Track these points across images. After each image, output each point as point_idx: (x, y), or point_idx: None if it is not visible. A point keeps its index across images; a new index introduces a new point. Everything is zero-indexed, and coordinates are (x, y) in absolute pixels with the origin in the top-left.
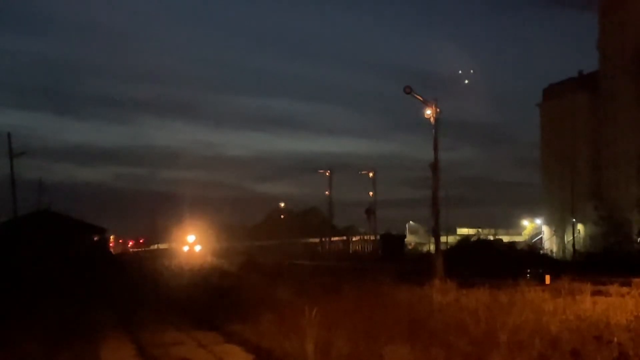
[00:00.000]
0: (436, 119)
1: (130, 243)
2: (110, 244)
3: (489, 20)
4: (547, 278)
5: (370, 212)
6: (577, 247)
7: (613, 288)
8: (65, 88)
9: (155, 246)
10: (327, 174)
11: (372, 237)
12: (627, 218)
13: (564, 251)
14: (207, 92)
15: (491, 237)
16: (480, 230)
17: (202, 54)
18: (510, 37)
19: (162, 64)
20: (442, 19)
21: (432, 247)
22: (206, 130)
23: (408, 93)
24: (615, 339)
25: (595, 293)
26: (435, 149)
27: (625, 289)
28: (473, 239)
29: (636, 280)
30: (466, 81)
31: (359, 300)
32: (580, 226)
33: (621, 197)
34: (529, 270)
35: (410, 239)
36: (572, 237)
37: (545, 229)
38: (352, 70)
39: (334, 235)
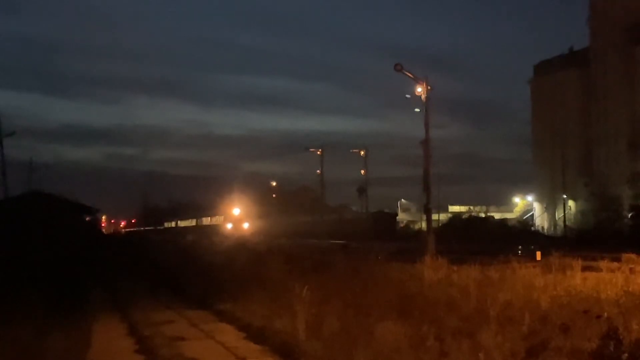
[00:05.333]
0: (427, 97)
1: (122, 223)
2: (102, 224)
3: None
4: (538, 254)
5: (362, 190)
6: (568, 223)
7: (603, 263)
8: (54, 68)
9: (173, 224)
10: (319, 152)
11: (364, 216)
12: (617, 194)
13: (555, 227)
14: (197, 70)
15: (482, 214)
16: (471, 207)
17: (191, 32)
18: (501, 13)
19: (151, 43)
20: None
21: (424, 225)
22: (196, 110)
23: (399, 71)
24: (605, 314)
25: (585, 269)
26: (427, 126)
27: (615, 265)
28: (464, 216)
29: (626, 255)
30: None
31: (350, 278)
32: (571, 202)
33: (612, 173)
34: (520, 247)
35: (402, 216)
36: (563, 214)
37: (537, 206)
38: (343, 48)
39: (326, 214)
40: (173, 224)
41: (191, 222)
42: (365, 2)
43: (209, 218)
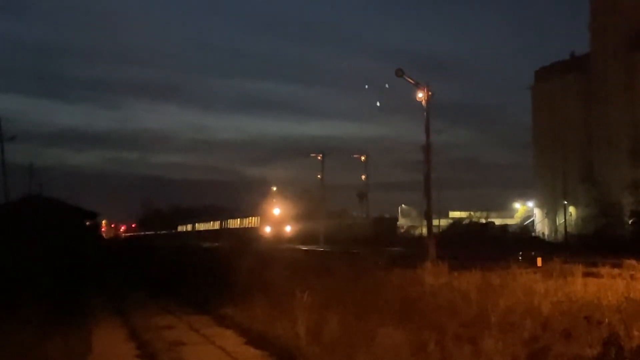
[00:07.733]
0: (428, 102)
1: (122, 228)
2: (102, 229)
3: (481, 2)
4: (539, 260)
5: (362, 195)
6: (568, 229)
7: (604, 270)
8: (54, 72)
9: (189, 227)
10: (319, 157)
11: (365, 221)
12: (618, 200)
13: (555, 233)
14: (198, 75)
15: (483, 220)
16: (472, 213)
17: (191, 36)
18: (503, 19)
19: (152, 47)
20: (434, 1)
21: (425, 230)
22: (197, 114)
23: (400, 76)
24: (606, 320)
25: (586, 275)
26: (427, 131)
27: (616, 271)
28: (465, 222)
29: (627, 262)
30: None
31: (351, 283)
32: (572, 208)
33: (613, 179)
34: (520, 253)
35: (402, 222)
36: (563, 220)
37: (537, 212)
38: (344, 52)
39: (327, 219)
40: (189, 227)
41: (213, 225)
42: (367, 6)
43: (238, 220)
